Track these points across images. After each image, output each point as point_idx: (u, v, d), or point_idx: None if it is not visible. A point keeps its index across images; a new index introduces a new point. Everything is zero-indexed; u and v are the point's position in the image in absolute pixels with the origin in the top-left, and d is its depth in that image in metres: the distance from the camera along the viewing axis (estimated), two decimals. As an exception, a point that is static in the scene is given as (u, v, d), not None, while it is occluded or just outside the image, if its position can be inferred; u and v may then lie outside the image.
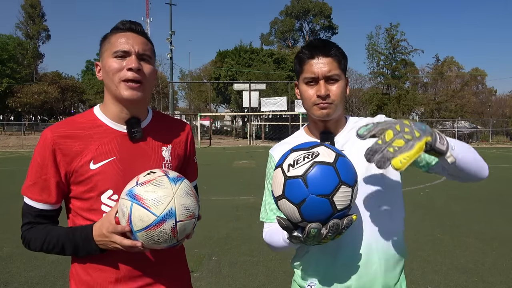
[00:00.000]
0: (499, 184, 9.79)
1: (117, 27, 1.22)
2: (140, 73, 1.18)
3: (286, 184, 1.04)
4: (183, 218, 1.05)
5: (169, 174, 1.10)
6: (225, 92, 39.56)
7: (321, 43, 1.29)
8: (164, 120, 1.37)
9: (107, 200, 1.18)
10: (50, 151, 1.17)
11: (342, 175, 1.02)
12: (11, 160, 17.99)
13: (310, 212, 1.02)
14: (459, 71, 40.98)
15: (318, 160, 1.02)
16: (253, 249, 4.55)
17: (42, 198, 1.19)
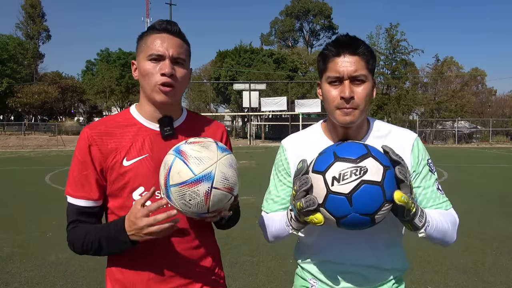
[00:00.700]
0: (499, 184, 9.79)
1: (153, 26, 1.23)
2: (173, 78, 1.19)
3: (328, 198, 1.01)
4: (220, 187, 1.02)
5: (218, 143, 1.11)
6: (225, 92, 39.55)
7: (349, 40, 1.20)
8: (198, 120, 1.38)
9: (139, 197, 1.19)
10: (88, 148, 1.21)
11: (387, 193, 0.99)
12: (11, 160, 17.99)
13: (349, 225, 1.03)
14: (459, 71, 40.97)
15: (366, 179, 0.98)
16: (253, 249, 4.55)
17: (83, 194, 1.21)
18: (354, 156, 1.01)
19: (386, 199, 0.99)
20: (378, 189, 0.98)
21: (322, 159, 1.06)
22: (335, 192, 0.99)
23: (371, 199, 0.98)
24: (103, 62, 43.54)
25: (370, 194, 0.97)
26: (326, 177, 1.01)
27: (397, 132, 1.30)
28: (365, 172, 0.98)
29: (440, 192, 1.26)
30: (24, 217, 6.35)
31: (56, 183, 10.11)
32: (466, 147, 28.12)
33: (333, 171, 1.00)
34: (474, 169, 13.42)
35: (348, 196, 0.97)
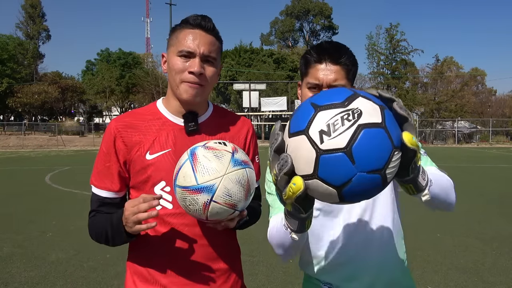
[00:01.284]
0: (499, 184, 9.79)
1: (187, 20, 1.20)
2: (201, 77, 1.17)
3: (320, 161, 0.73)
4: (220, 202, 1.00)
5: (235, 154, 1.06)
6: (225, 92, 39.55)
7: (332, 48, 1.19)
8: (224, 116, 1.35)
9: (160, 191, 1.19)
10: (113, 140, 1.21)
11: (393, 136, 0.75)
12: (11, 160, 17.99)
13: (355, 194, 0.76)
14: (459, 71, 40.98)
15: (364, 122, 0.73)
16: (253, 249, 4.55)
17: (105, 185, 1.22)
18: (340, 100, 0.76)
19: (394, 145, 0.74)
20: (381, 132, 0.73)
21: (299, 116, 0.79)
22: (328, 150, 0.72)
23: (377, 147, 0.73)
24: (103, 62, 43.54)
25: (374, 141, 0.72)
26: (311, 134, 0.74)
27: None
28: (359, 115, 0.73)
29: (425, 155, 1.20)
30: (24, 217, 6.35)
31: (56, 183, 10.11)
32: (466, 147, 28.12)
33: (318, 124, 0.74)
34: (474, 169, 13.42)
35: (346, 151, 0.71)
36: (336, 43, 1.23)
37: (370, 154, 0.72)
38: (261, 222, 1.43)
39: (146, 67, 43.13)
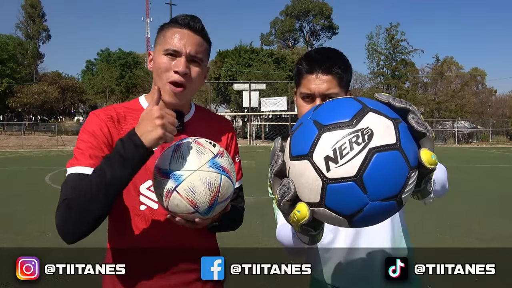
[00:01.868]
0: (499, 184, 9.79)
1: (176, 20, 1.18)
2: (186, 77, 1.15)
3: (327, 191, 0.66)
4: (182, 195, 0.98)
5: (218, 157, 1.03)
6: (225, 92, 39.55)
7: (321, 58, 1.18)
8: (206, 116, 1.35)
9: (146, 191, 1.17)
10: (100, 126, 1.13)
11: (409, 157, 0.66)
12: (11, 160, 17.99)
13: (367, 221, 0.70)
14: (459, 71, 41.00)
15: (376, 146, 0.64)
16: (253, 249, 4.55)
17: (91, 161, 1.07)
18: (347, 117, 0.67)
19: (411, 166, 0.66)
20: (396, 154, 0.64)
21: (300, 136, 0.70)
22: (336, 179, 0.65)
23: (392, 172, 0.64)
24: (103, 62, 43.55)
25: (388, 166, 0.64)
26: (315, 160, 0.66)
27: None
28: (370, 136, 0.64)
29: None
30: (24, 217, 6.35)
31: (56, 183, 10.11)
32: (466, 147, 28.13)
33: (323, 148, 0.66)
34: (474, 169, 13.42)
35: (357, 179, 0.63)
36: (326, 51, 1.23)
37: (383, 181, 0.64)
38: (261, 222, 1.43)
39: (146, 67, 42.98)
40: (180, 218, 1.03)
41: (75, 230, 1.03)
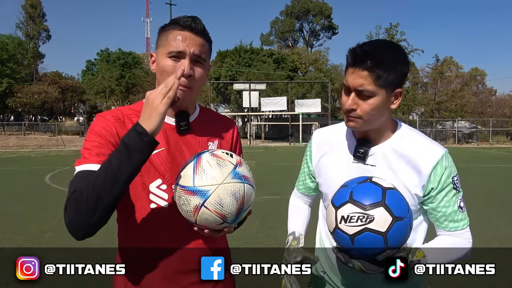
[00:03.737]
0: (499, 184, 9.80)
1: (177, 21, 1.19)
2: (190, 79, 1.18)
3: (335, 232, 1.11)
4: (211, 209, 1.02)
5: (238, 167, 1.08)
6: (225, 92, 39.54)
7: (362, 53, 1.17)
8: (211, 116, 1.37)
9: (156, 190, 1.19)
10: (108, 126, 1.15)
11: (390, 242, 1.06)
12: (11, 160, 17.99)
13: (352, 256, 1.12)
14: (459, 71, 40.98)
15: (370, 228, 1.05)
16: (253, 249, 4.55)
17: (99, 158, 1.08)
18: (366, 203, 1.08)
19: (388, 246, 1.06)
20: (379, 238, 1.05)
21: (340, 195, 1.14)
22: (341, 229, 1.09)
23: (372, 244, 1.06)
24: (103, 62, 43.54)
25: (370, 241, 1.06)
26: (337, 213, 1.10)
27: (424, 143, 1.27)
28: (371, 221, 1.05)
29: (460, 211, 1.28)
30: (24, 217, 6.35)
31: (56, 183, 10.11)
32: (466, 147, 28.12)
33: (344, 210, 1.09)
34: (474, 169, 13.42)
35: (351, 237, 1.07)
36: (371, 45, 1.20)
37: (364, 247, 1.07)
38: (261, 222, 1.43)
39: (146, 67, 43.15)
40: (208, 230, 1.08)
41: (86, 220, 1.02)
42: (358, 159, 1.29)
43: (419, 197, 1.24)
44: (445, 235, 1.26)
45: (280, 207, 1.67)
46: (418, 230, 1.31)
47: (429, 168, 1.22)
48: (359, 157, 1.28)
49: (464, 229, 1.29)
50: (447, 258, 1.23)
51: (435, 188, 1.23)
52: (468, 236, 1.30)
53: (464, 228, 1.29)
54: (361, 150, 1.27)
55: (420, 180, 1.22)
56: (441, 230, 1.28)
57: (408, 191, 1.22)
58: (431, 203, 1.25)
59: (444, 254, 1.22)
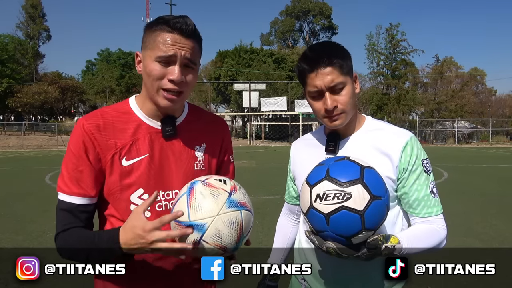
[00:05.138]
0: (499, 184, 9.79)
1: (166, 21, 1.09)
2: (181, 84, 1.11)
3: (309, 211, 1.05)
4: (210, 242, 0.99)
5: (233, 194, 1.04)
6: (225, 92, 39.54)
7: (318, 54, 1.21)
8: (200, 116, 1.30)
9: (137, 200, 1.14)
10: (84, 142, 1.11)
11: (367, 223, 1.01)
12: (11, 160, 17.99)
13: (326, 238, 1.07)
14: (458, 71, 40.99)
15: (346, 206, 1.00)
16: (253, 249, 4.55)
17: (80, 191, 1.11)
18: (343, 180, 1.02)
19: (365, 227, 1.01)
20: (356, 217, 1.00)
21: (316, 172, 1.09)
22: (316, 208, 1.03)
23: (348, 224, 1.00)
24: (103, 62, 43.56)
25: (346, 220, 1.00)
26: (312, 192, 1.04)
27: (391, 129, 1.31)
28: (348, 198, 1.00)
29: (432, 196, 1.27)
30: (24, 217, 6.35)
31: (56, 183, 10.10)
32: (466, 147, 28.12)
33: (319, 188, 1.03)
34: (474, 169, 13.42)
35: (326, 216, 1.01)
36: (320, 46, 1.27)
37: (340, 226, 1.02)
38: (261, 222, 1.44)
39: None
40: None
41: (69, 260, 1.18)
42: (329, 152, 1.31)
43: (394, 181, 1.25)
44: (419, 223, 1.26)
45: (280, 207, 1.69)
46: (396, 222, 1.31)
47: (399, 150, 1.24)
48: (330, 150, 1.30)
49: (437, 215, 1.28)
50: (422, 244, 1.21)
51: (405, 169, 1.24)
52: (442, 223, 1.30)
53: (437, 215, 1.28)
54: (331, 143, 1.30)
55: (392, 163, 1.24)
56: (415, 218, 1.27)
57: (382, 176, 1.22)
58: (403, 186, 1.25)
59: (419, 240, 1.19)
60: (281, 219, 1.62)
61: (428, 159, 1.30)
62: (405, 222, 1.34)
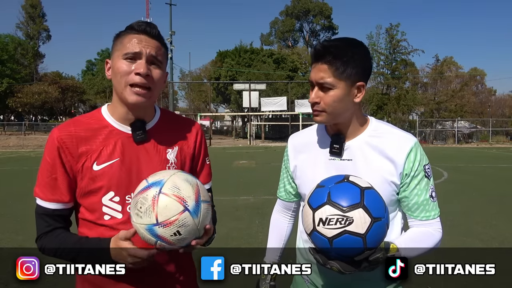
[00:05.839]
0: (499, 184, 9.79)
1: (132, 26, 1.19)
2: (148, 79, 1.15)
3: (313, 233, 1.08)
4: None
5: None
6: (225, 92, 39.56)
7: (320, 48, 1.24)
8: (172, 120, 1.33)
9: (109, 202, 1.18)
10: (57, 150, 1.18)
11: (369, 243, 1.05)
12: (11, 160, 18.00)
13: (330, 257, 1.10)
14: (458, 71, 40.98)
15: (349, 230, 1.03)
16: (253, 249, 4.55)
17: (54, 197, 1.19)
18: (345, 205, 1.06)
19: (367, 247, 1.06)
20: (359, 240, 1.04)
21: (317, 195, 1.11)
22: (319, 232, 1.06)
23: (350, 247, 1.05)
24: (103, 62, 43.47)
25: (350, 243, 1.04)
26: (315, 215, 1.07)
27: (396, 134, 1.31)
28: (350, 223, 1.03)
29: (431, 200, 1.29)
30: (24, 217, 6.35)
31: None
32: (466, 147, 28.13)
33: (321, 212, 1.06)
34: (474, 169, 13.43)
35: (329, 239, 1.05)
36: (330, 41, 1.27)
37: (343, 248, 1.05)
38: (261, 223, 1.44)
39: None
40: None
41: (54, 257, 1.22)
42: (334, 155, 1.31)
43: (397, 185, 1.27)
44: (417, 226, 1.30)
45: (280, 207, 1.70)
46: (393, 223, 1.33)
47: (404, 156, 1.26)
48: (335, 152, 1.30)
49: (434, 219, 1.31)
50: (419, 246, 1.26)
51: (408, 174, 1.26)
52: (438, 226, 1.32)
53: (435, 218, 1.31)
54: (336, 145, 1.30)
55: (396, 169, 1.26)
56: (413, 220, 1.30)
57: (386, 180, 1.25)
58: (404, 190, 1.28)
59: (416, 244, 1.24)
60: (275, 216, 1.61)
61: (429, 164, 1.32)
62: (403, 221, 1.37)
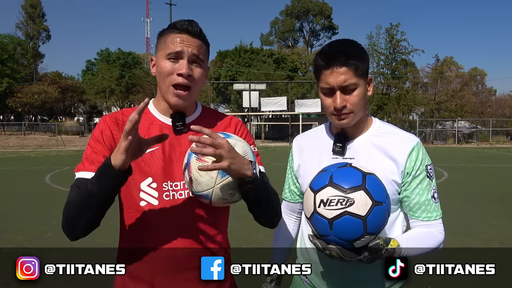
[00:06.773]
0: (499, 184, 9.79)
1: (174, 25, 1.23)
2: (189, 79, 1.20)
3: (313, 216, 1.09)
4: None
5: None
6: (225, 92, 39.55)
7: (336, 52, 1.23)
8: (213, 116, 1.37)
9: (147, 188, 1.21)
10: (104, 130, 1.23)
11: (369, 227, 1.05)
12: (11, 160, 17.99)
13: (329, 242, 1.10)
14: (458, 71, 40.98)
15: (349, 211, 1.04)
16: (253, 249, 4.55)
17: (92, 167, 1.16)
18: (346, 186, 1.07)
19: (367, 231, 1.05)
20: (359, 222, 1.04)
21: (319, 178, 1.13)
22: (319, 213, 1.07)
23: (350, 229, 1.04)
24: (103, 62, 43.54)
25: (350, 225, 1.04)
26: (316, 197, 1.08)
27: (399, 134, 1.32)
28: (351, 204, 1.04)
29: (433, 201, 1.29)
30: (24, 217, 6.35)
31: (56, 183, 10.11)
32: (466, 147, 28.12)
33: (323, 194, 1.07)
34: (474, 169, 13.43)
35: (329, 221, 1.05)
36: (339, 44, 1.28)
37: (343, 230, 1.06)
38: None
39: (146, 67, 43.13)
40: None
41: (69, 233, 1.22)
42: (336, 153, 1.32)
43: (399, 184, 1.27)
44: (419, 226, 1.30)
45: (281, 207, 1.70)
46: (396, 224, 1.32)
47: (405, 155, 1.26)
48: (338, 151, 1.32)
49: (437, 220, 1.30)
50: (420, 247, 1.24)
51: (409, 173, 1.27)
52: (440, 227, 1.32)
53: (437, 219, 1.30)
54: (339, 144, 1.31)
55: (398, 168, 1.26)
56: (415, 221, 1.30)
57: (387, 179, 1.25)
58: (406, 190, 1.28)
59: (417, 243, 1.23)
60: (281, 219, 1.62)
61: (432, 165, 1.32)
62: (405, 223, 1.36)
